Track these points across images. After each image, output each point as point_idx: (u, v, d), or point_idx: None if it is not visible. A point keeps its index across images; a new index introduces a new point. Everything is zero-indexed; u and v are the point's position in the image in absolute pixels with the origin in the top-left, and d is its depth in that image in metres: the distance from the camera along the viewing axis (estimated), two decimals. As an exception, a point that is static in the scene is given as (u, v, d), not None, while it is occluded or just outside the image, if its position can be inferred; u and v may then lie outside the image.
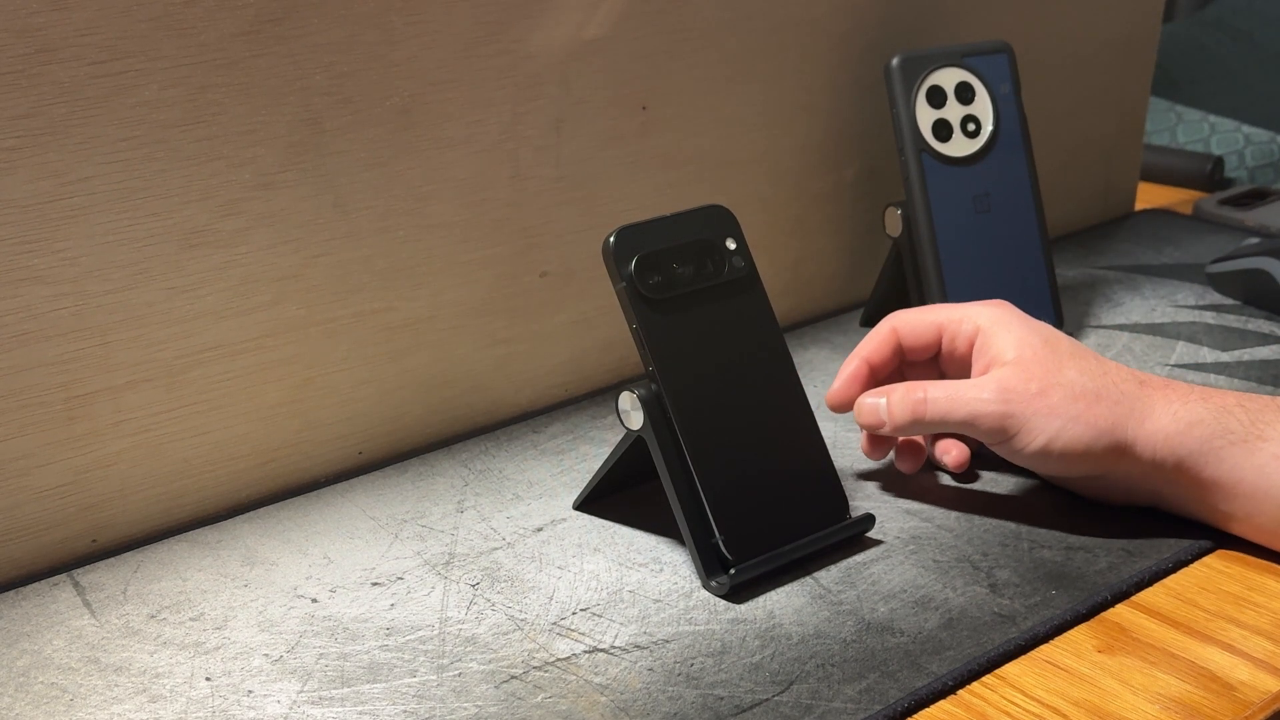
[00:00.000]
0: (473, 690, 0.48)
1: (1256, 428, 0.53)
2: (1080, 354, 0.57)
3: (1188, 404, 0.54)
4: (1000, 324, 0.58)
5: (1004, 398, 0.55)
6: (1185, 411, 0.54)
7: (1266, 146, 1.22)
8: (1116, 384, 0.55)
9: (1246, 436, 0.53)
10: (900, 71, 0.73)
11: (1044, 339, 0.57)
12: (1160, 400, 0.55)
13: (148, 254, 0.56)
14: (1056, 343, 0.57)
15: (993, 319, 0.58)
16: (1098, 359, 0.57)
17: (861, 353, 0.61)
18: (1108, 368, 0.56)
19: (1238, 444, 0.53)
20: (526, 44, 0.64)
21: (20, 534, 0.56)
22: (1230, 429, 0.53)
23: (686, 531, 0.53)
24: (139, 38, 0.53)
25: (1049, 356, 0.56)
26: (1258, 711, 0.46)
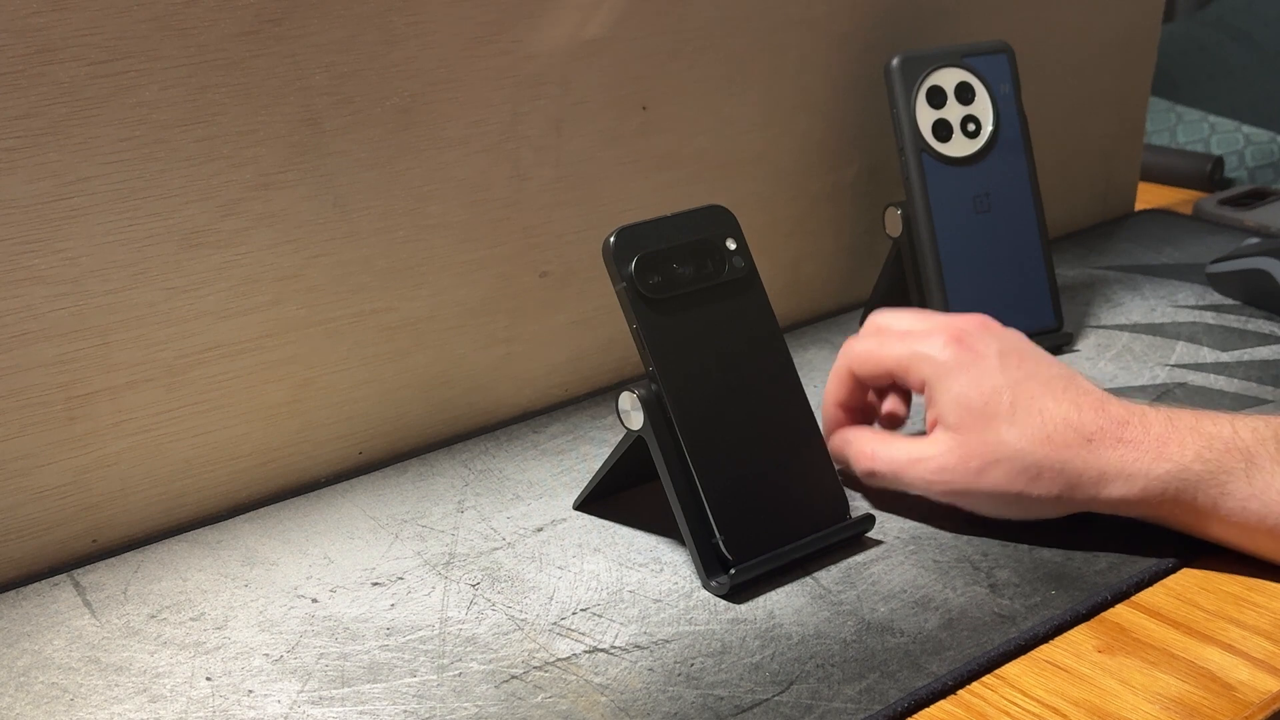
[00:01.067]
0: (473, 690, 0.48)
1: (1218, 483, 0.52)
2: (1022, 410, 0.54)
3: (1142, 463, 0.52)
4: (943, 377, 0.56)
5: (945, 478, 0.55)
6: (1141, 474, 0.52)
7: (1266, 146, 1.22)
8: (1059, 450, 0.53)
9: (1210, 496, 0.52)
10: (900, 71, 0.73)
11: (984, 399, 0.54)
12: (1113, 461, 0.53)
13: (148, 254, 0.56)
14: (997, 401, 0.54)
15: (936, 370, 0.56)
16: (1041, 414, 0.53)
17: (831, 397, 0.61)
18: (1050, 427, 0.53)
19: (1200, 501, 0.52)
20: (526, 44, 0.64)
21: (20, 534, 0.56)
22: (1192, 488, 0.52)
23: (686, 531, 0.53)
24: (139, 38, 0.53)
25: (987, 423, 0.54)
26: (1257, 711, 0.46)
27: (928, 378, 0.56)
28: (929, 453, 0.55)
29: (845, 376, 0.60)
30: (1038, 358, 0.56)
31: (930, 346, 0.56)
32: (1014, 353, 0.56)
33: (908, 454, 0.56)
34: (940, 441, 0.55)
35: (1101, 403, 0.54)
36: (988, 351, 0.56)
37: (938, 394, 0.56)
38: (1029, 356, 0.56)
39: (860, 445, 0.58)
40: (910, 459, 0.56)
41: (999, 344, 0.56)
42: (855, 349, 0.60)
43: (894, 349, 0.58)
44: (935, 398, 0.56)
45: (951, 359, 0.56)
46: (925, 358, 0.56)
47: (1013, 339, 0.57)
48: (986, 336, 0.57)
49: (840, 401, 0.61)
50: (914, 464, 0.56)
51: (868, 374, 0.59)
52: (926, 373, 0.56)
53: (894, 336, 0.59)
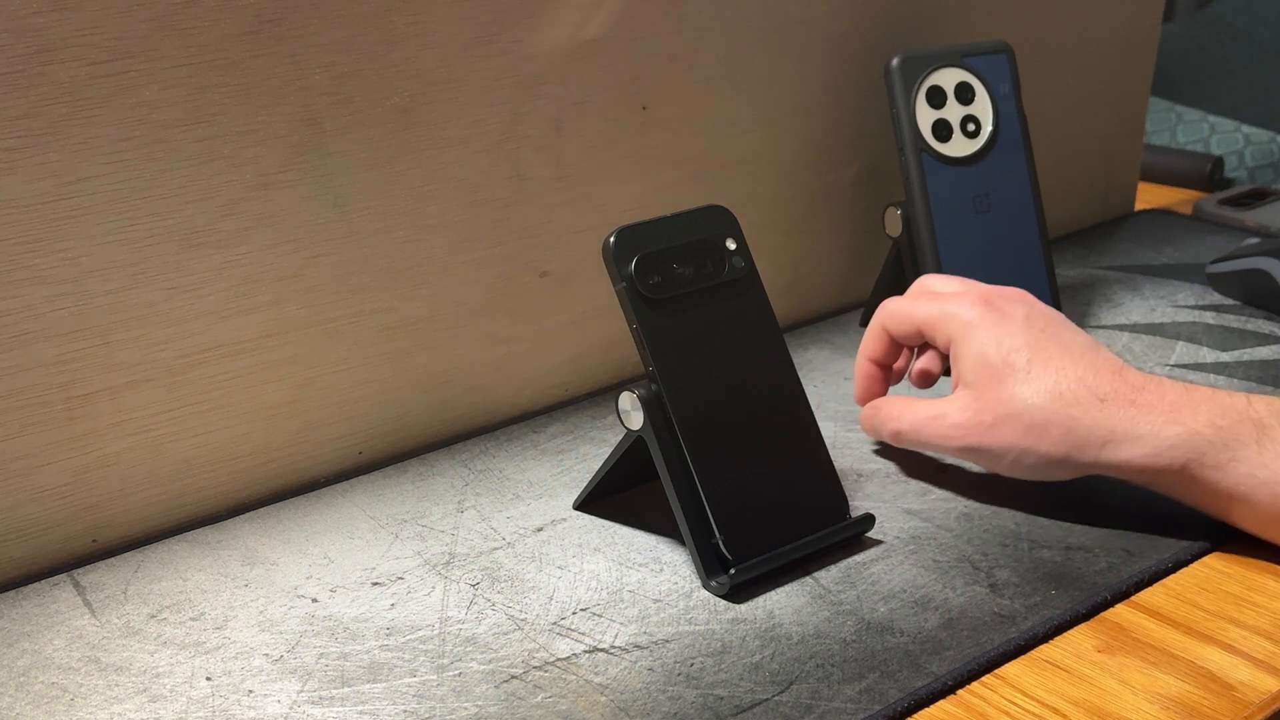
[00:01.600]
0: (473, 690, 0.48)
1: (1229, 449, 0.52)
2: (1039, 367, 0.55)
3: (1154, 425, 0.53)
4: (967, 336, 0.57)
5: (960, 434, 0.57)
6: (1151, 435, 0.53)
7: (1266, 146, 1.22)
8: (1069, 408, 0.54)
9: (1218, 460, 0.52)
10: (900, 71, 0.73)
11: (1003, 356, 0.55)
12: (1123, 422, 0.53)
13: (148, 254, 0.56)
14: (1015, 358, 0.55)
15: (962, 328, 0.57)
16: (1057, 372, 0.54)
17: (865, 352, 0.64)
18: (1064, 384, 0.54)
19: (1209, 468, 0.52)
20: (526, 44, 0.64)
21: (20, 534, 0.56)
22: (1201, 453, 0.52)
23: (686, 531, 0.53)
24: (139, 38, 0.53)
25: (1003, 379, 0.55)
26: (1257, 711, 0.46)
27: (953, 335, 0.58)
28: (947, 409, 0.57)
29: (879, 333, 0.62)
30: (1064, 324, 0.58)
31: (959, 306, 0.58)
32: (1040, 317, 0.58)
33: (928, 412, 0.58)
34: (958, 399, 0.57)
35: (1119, 368, 0.55)
36: (1014, 313, 0.57)
37: (961, 352, 0.57)
38: (1055, 322, 0.58)
39: (889, 409, 0.61)
40: (929, 417, 0.58)
41: (1027, 309, 0.58)
42: (890, 306, 0.62)
43: (925, 307, 0.60)
44: (958, 355, 0.57)
45: (977, 318, 0.57)
46: (952, 316, 0.58)
47: (1043, 308, 0.59)
48: (1017, 301, 0.58)
49: (873, 356, 0.63)
50: (932, 421, 0.58)
51: (899, 330, 0.61)
52: (952, 330, 0.58)
53: (928, 296, 0.61)
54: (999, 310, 0.57)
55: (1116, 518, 0.57)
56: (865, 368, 0.64)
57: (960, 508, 0.59)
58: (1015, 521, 0.58)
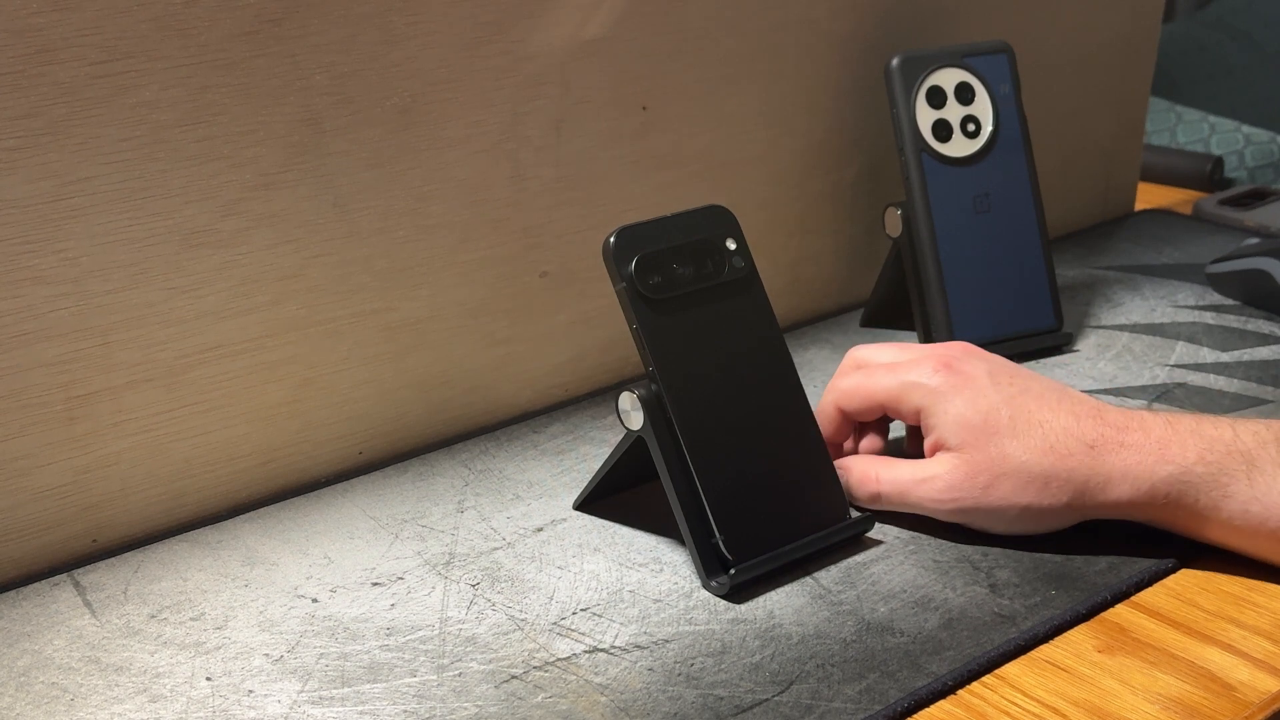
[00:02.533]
0: (473, 690, 0.48)
1: (1220, 486, 0.52)
2: (1022, 424, 0.54)
3: (1145, 465, 0.53)
4: (938, 401, 0.56)
5: (955, 495, 0.55)
6: (1145, 476, 0.53)
7: (1266, 146, 1.22)
8: (1063, 459, 0.53)
9: (1212, 499, 0.52)
10: (900, 72, 0.73)
11: (982, 416, 0.54)
12: (1116, 465, 0.53)
13: (148, 254, 0.56)
14: (995, 417, 0.54)
15: (930, 396, 0.56)
16: (1041, 426, 0.54)
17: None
18: (1052, 437, 0.54)
19: (1203, 506, 0.52)
20: (526, 44, 0.64)
21: (20, 534, 0.56)
22: (1195, 490, 0.52)
23: (686, 531, 0.53)
24: (139, 38, 0.53)
25: (990, 438, 0.54)
26: (1257, 711, 0.46)
27: (922, 405, 0.56)
28: (935, 471, 0.55)
29: (833, 414, 0.60)
30: (1026, 375, 0.57)
31: (920, 374, 0.57)
32: (1002, 371, 0.57)
33: (913, 475, 0.56)
34: (945, 461, 0.55)
35: (1098, 411, 0.55)
36: (977, 373, 0.56)
37: (935, 418, 0.56)
38: (1018, 374, 0.57)
39: (863, 469, 0.58)
40: (916, 479, 0.56)
41: (986, 365, 0.57)
42: (841, 385, 0.60)
43: (883, 381, 0.58)
44: (933, 423, 0.56)
45: (943, 383, 0.56)
46: (916, 385, 0.56)
47: (997, 360, 0.58)
48: (972, 359, 0.57)
49: (828, 437, 0.60)
50: (920, 484, 0.56)
51: (856, 408, 0.59)
52: (920, 400, 0.56)
53: (880, 369, 0.59)
54: (960, 372, 0.56)
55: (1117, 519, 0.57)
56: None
57: (960, 508, 0.59)
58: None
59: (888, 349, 0.60)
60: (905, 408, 0.57)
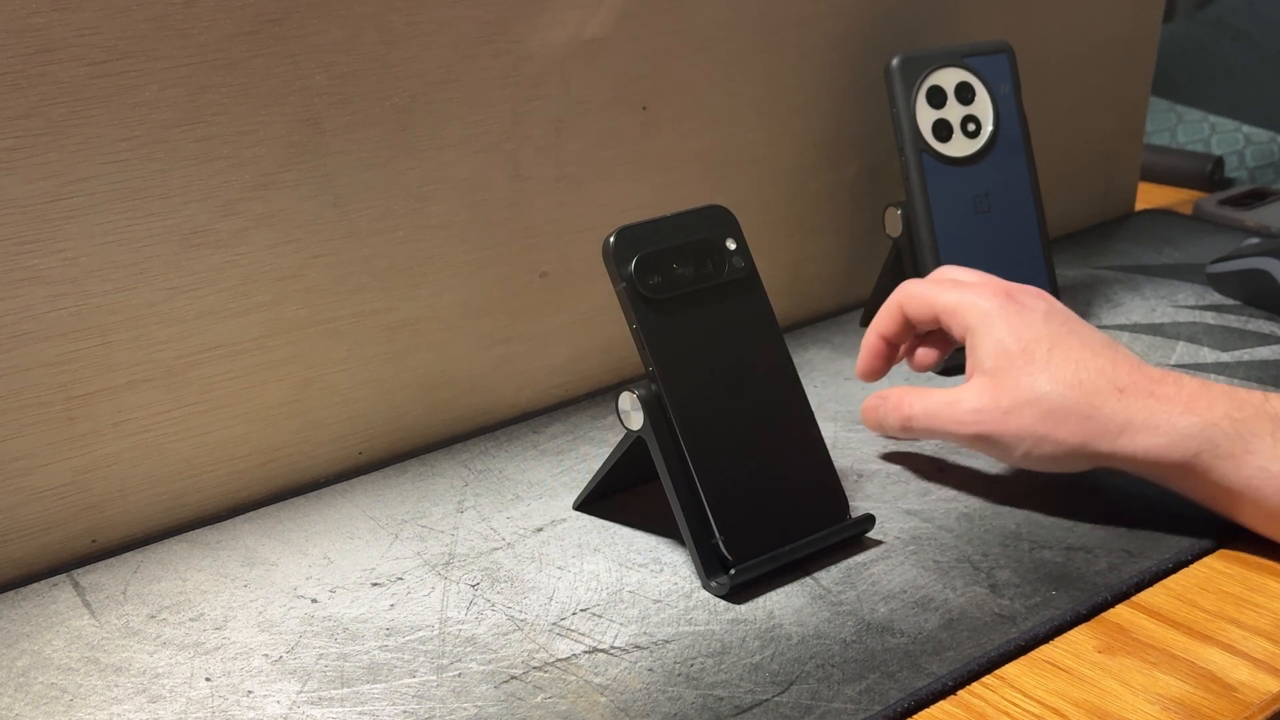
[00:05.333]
0: (473, 690, 0.48)
1: (1244, 441, 0.52)
2: (1059, 357, 0.55)
3: (1171, 416, 0.53)
4: (986, 325, 0.57)
5: (975, 419, 0.56)
6: (1168, 425, 0.53)
7: (1266, 146, 1.22)
8: (1089, 396, 0.54)
9: (1233, 451, 0.52)
10: (900, 71, 0.73)
11: (1023, 345, 0.56)
12: (1140, 412, 0.53)
13: (148, 254, 0.56)
14: (1035, 347, 0.56)
15: (981, 318, 0.58)
16: (1077, 363, 0.55)
17: (876, 327, 0.63)
18: (1084, 374, 0.54)
19: (1224, 459, 0.52)
20: (526, 44, 0.64)
21: (20, 534, 0.56)
22: (1216, 444, 0.52)
23: (686, 531, 0.53)
24: (139, 38, 0.53)
25: (1023, 367, 0.55)
26: (1257, 712, 0.46)
27: (971, 324, 0.58)
28: (961, 395, 0.57)
29: (895, 311, 0.62)
30: (1082, 322, 0.58)
31: (979, 296, 0.58)
32: (1059, 313, 0.58)
33: (941, 399, 0.58)
34: (973, 386, 0.57)
35: (1138, 363, 0.56)
36: (1034, 307, 0.58)
37: (979, 340, 0.57)
38: (1073, 319, 0.58)
39: (896, 398, 0.61)
40: (943, 403, 0.58)
41: (1047, 305, 0.58)
42: (910, 287, 0.62)
43: (945, 294, 0.60)
44: (976, 344, 0.57)
45: (997, 308, 0.58)
46: (972, 304, 0.58)
47: (1062, 306, 0.59)
48: (1037, 298, 0.59)
49: (884, 332, 0.63)
50: (946, 407, 0.58)
51: (916, 312, 0.61)
52: (971, 319, 0.58)
53: (949, 283, 0.61)
54: (1019, 303, 0.58)
55: (1117, 518, 0.57)
56: (874, 342, 0.63)
57: (960, 508, 0.59)
58: (1015, 521, 0.58)
59: (974, 273, 0.62)
60: (956, 324, 0.59)
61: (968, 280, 0.61)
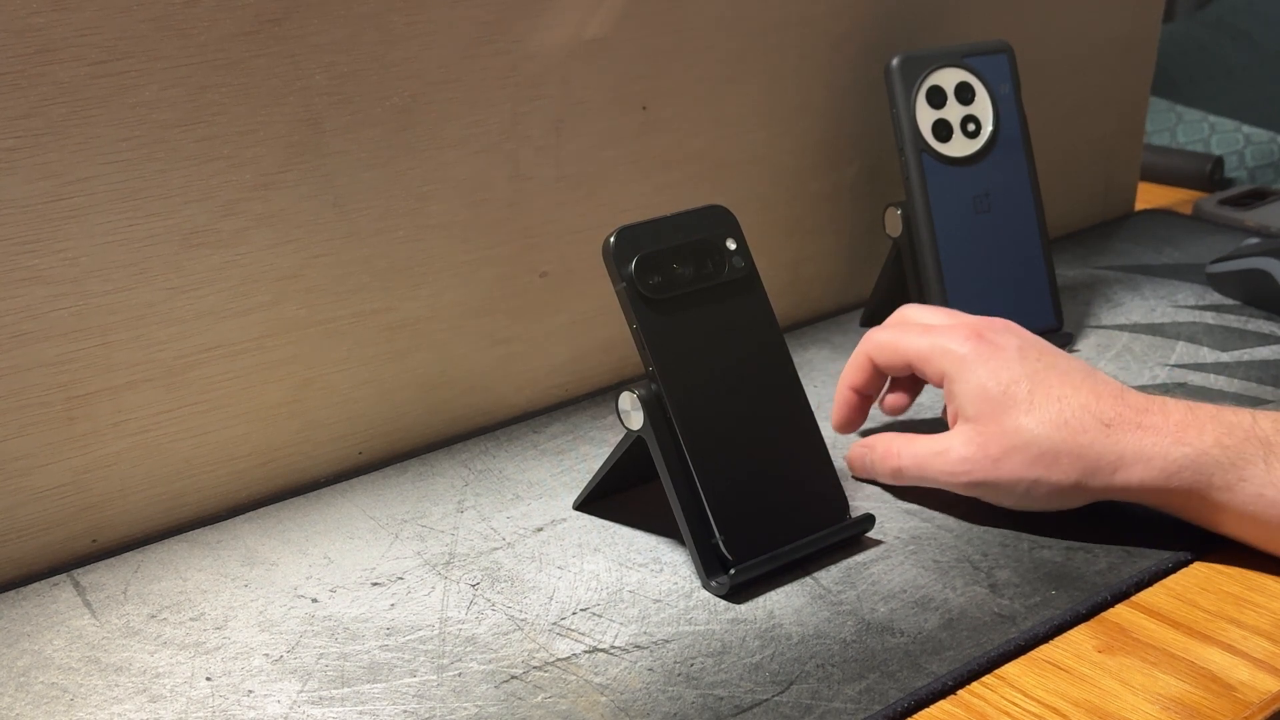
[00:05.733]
0: (473, 690, 0.48)
1: (1236, 469, 0.52)
2: (1040, 397, 0.54)
3: (1161, 446, 0.53)
4: (963, 370, 0.56)
5: (966, 469, 0.56)
6: (1160, 456, 0.53)
7: (1266, 146, 1.22)
8: (1076, 435, 0.53)
9: (1227, 481, 0.52)
10: (900, 72, 0.73)
11: (1003, 388, 0.55)
12: (1131, 446, 0.53)
13: (148, 254, 0.56)
14: (1015, 389, 0.55)
15: (957, 363, 0.57)
16: (1059, 400, 0.54)
17: (846, 380, 0.63)
18: (1068, 412, 0.54)
19: (1218, 488, 0.52)
20: (526, 44, 0.64)
21: (20, 534, 0.56)
22: (1210, 473, 0.52)
23: (686, 531, 0.53)
24: (139, 38, 0.53)
25: (1006, 411, 0.55)
26: (1257, 711, 0.46)
27: (947, 370, 0.57)
28: (950, 445, 0.56)
29: (864, 363, 0.62)
30: (1057, 353, 0.57)
31: (951, 340, 0.58)
32: (1033, 347, 0.57)
33: (930, 448, 0.57)
34: (960, 433, 0.56)
35: (1120, 392, 0.55)
36: (1007, 345, 0.57)
37: (957, 386, 0.57)
38: (1048, 351, 0.57)
39: (886, 446, 0.60)
40: (932, 453, 0.57)
41: (1019, 340, 0.58)
42: (877, 337, 0.61)
43: (915, 341, 0.59)
44: (955, 390, 0.57)
45: (971, 352, 0.57)
46: (945, 350, 0.57)
47: (1031, 337, 0.58)
48: (1006, 333, 0.58)
49: (855, 385, 0.62)
50: (936, 457, 0.57)
51: (886, 362, 0.61)
52: (946, 365, 0.57)
53: (916, 329, 0.60)
54: (991, 343, 0.57)
55: (1117, 518, 0.57)
56: (846, 396, 0.63)
57: (960, 507, 0.59)
58: (1015, 521, 0.58)
59: (933, 311, 0.61)
60: (931, 371, 0.58)
61: (934, 322, 0.60)
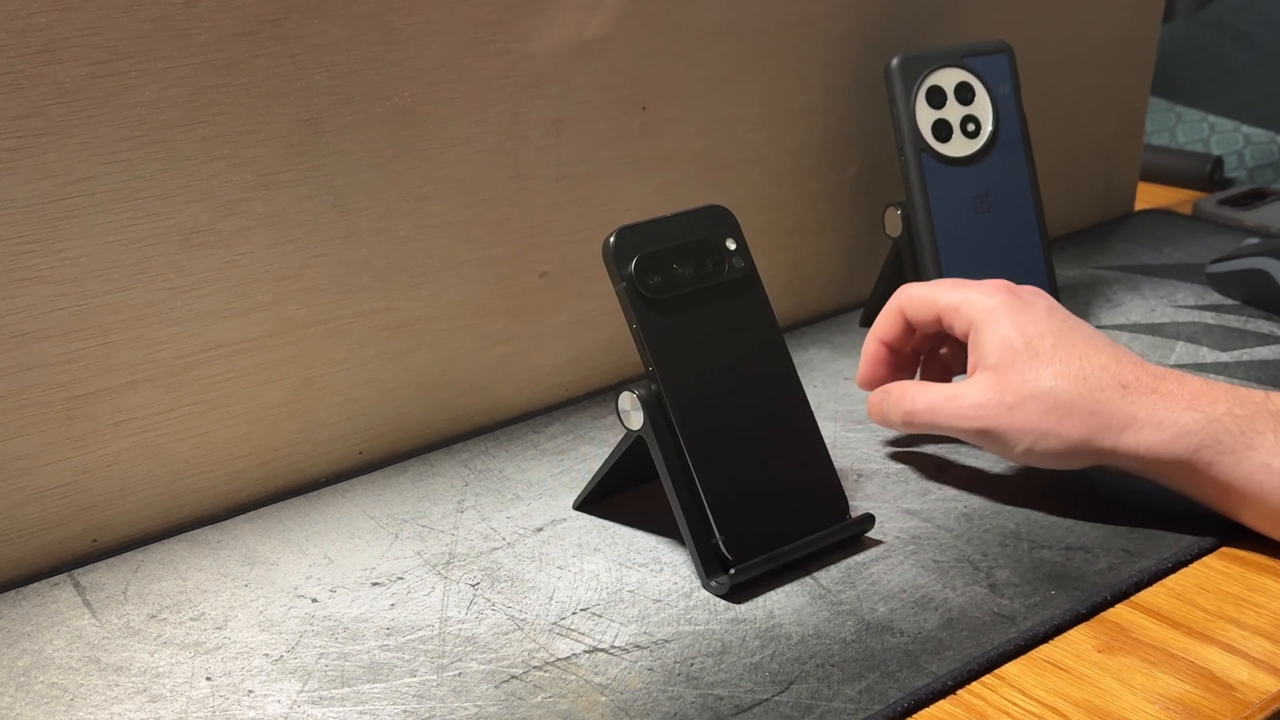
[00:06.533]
0: (473, 690, 0.48)
1: (1246, 437, 0.52)
2: (1063, 352, 0.55)
3: (1174, 412, 0.53)
4: (990, 320, 0.57)
5: (978, 414, 0.56)
6: (1171, 421, 0.53)
7: (1266, 146, 1.22)
8: (1093, 392, 0.54)
9: (1235, 447, 0.52)
10: (900, 72, 0.73)
11: (1027, 340, 0.56)
12: (1144, 407, 0.54)
13: (148, 254, 0.56)
14: (1040, 342, 0.56)
15: (984, 313, 0.58)
16: (1081, 358, 0.55)
17: (876, 332, 0.63)
18: (1089, 369, 0.55)
19: (1226, 454, 0.52)
20: (526, 44, 0.64)
21: (20, 534, 0.56)
22: (1219, 439, 0.52)
23: (686, 531, 0.53)
24: (139, 38, 0.53)
25: (1027, 362, 0.55)
26: (1257, 711, 0.46)
27: (974, 320, 0.58)
28: (965, 390, 0.57)
29: (895, 315, 0.62)
30: (1083, 322, 0.58)
31: (982, 292, 0.59)
32: (1061, 310, 0.58)
33: (944, 393, 0.58)
34: (977, 380, 0.57)
35: (1141, 361, 0.56)
36: (1036, 303, 0.58)
37: (982, 335, 0.57)
38: (1075, 317, 0.58)
39: (899, 391, 0.60)
40: (946, 397, 0.58)
41: (1049, 302, 0.59)
42: (910, 290, 0.62)
43: (948, 293, 0.60)
44: (979, 340, 0.57)
45: (1000, 304, 0.58)
46: (975, 301, 0.58)
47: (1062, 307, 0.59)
48: (1037, 295, 0.59)
49: (884, 337, 0.63)
50: (949, 401, 0.57)
51: (917, 314, 0.61)
52: (974, 315, 0.58)
53: (949, 283, 0.61)
54: (1021, 298, 0.58)
55: (1117, 518, 0.58)
56: (874, 348, 0.63)
57: (960, 508, 0.59)
58: (1015, 521, 0.58)
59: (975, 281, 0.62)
60: (959, 322, 0.59)
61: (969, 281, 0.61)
